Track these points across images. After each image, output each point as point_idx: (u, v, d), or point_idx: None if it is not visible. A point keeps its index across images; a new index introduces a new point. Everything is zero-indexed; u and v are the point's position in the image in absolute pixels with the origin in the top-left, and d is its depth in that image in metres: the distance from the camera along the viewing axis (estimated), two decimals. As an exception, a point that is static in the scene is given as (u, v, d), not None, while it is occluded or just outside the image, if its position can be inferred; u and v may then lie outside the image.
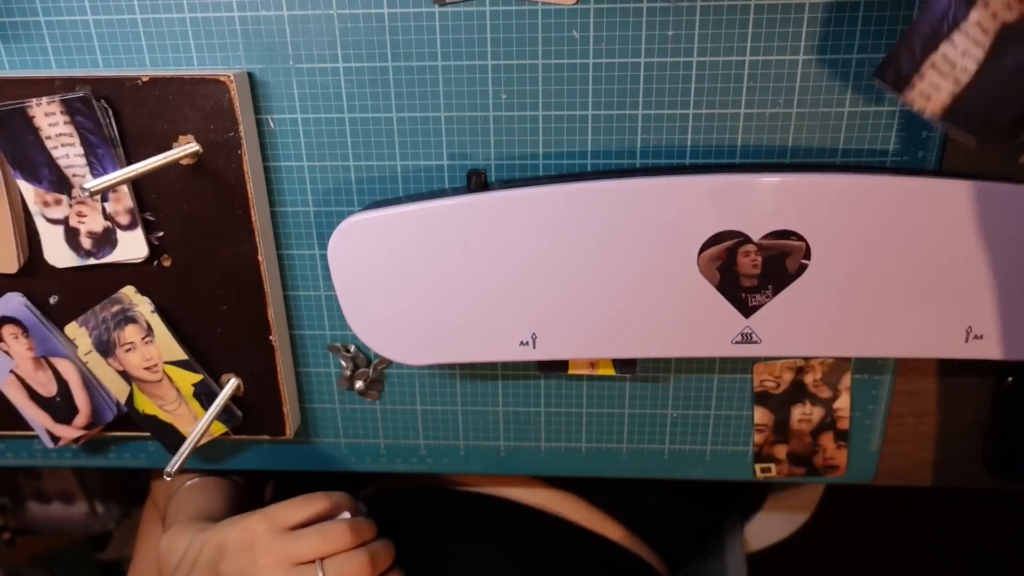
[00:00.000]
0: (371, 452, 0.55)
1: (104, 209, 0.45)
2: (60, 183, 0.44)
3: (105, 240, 0.45)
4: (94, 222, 0.45)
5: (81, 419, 0.50)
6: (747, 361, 0.50)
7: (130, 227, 0.45)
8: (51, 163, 0.43)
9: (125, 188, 0.44)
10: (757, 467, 0.53)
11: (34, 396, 0.50)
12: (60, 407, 0.50)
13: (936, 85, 0.32)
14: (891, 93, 0.34)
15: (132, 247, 0.46)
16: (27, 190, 0.45)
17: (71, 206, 0.45)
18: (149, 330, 0.47)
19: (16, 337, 0.48)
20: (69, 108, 0.42)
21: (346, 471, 0.56)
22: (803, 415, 0.51)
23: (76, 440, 0.51)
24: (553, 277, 0.43)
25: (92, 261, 0.46)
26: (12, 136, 0.43)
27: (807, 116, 0.44)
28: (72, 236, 0.45)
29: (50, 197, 0.44)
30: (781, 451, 0.52)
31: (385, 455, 0.55)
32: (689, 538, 0.70)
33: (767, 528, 0.75)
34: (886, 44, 0.42)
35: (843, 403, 0.51)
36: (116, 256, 0.46)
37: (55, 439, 0.51)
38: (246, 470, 0.57)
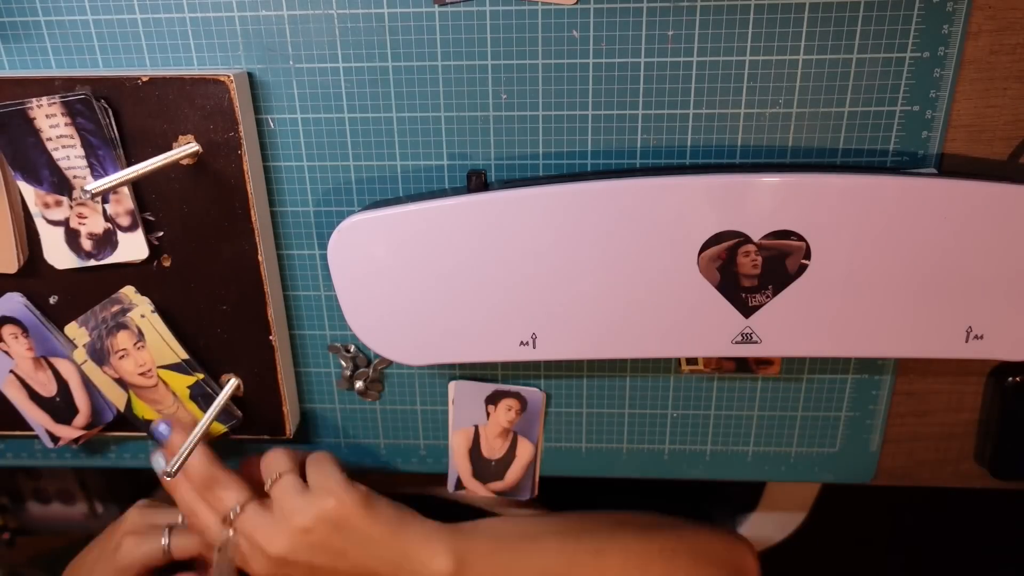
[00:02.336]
0: (371, 452, 0.55)
1: (105, 211, 0.45)
2: (61, 184, 0.44)
3: (105, 242, 0.45)
4: (94, 224, 0.45)
5: (81, 419, 0.50)
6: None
7: (130, 228, 0.45)
8: (52, 165, 0.43)
9: (125, 189, 0.44)
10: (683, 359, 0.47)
11: (34, 396, 0.50)
12: (60, 407, 0.50)
13: None
14: None
15: (132, 248, 0.46)
16: (28, 191, 0.44)
17: (71, 208, 0.45)
18: (140, 335, 0.47)
19: (16, 337, 0.48)
20: (70, 109, 0.42)
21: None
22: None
23: (76, 440, 0.51)
24: (553, 277, 0.43)
25: (92, 263, 0.46)
26: (13, 138, 0.43)
27: (807, 116, 0.44)
28: (73, 238, 0.45)
29: (50, 198, 0.44)
30: None
31: (385, 455, 0.55)
32: None
33: (762, 530, 0.75)
34: (886, 44, 0.42)
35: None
36: (116, 257, 0.46)
37: (55, 439, 0.51)
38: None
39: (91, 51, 0.45)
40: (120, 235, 0.45)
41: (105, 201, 0.45)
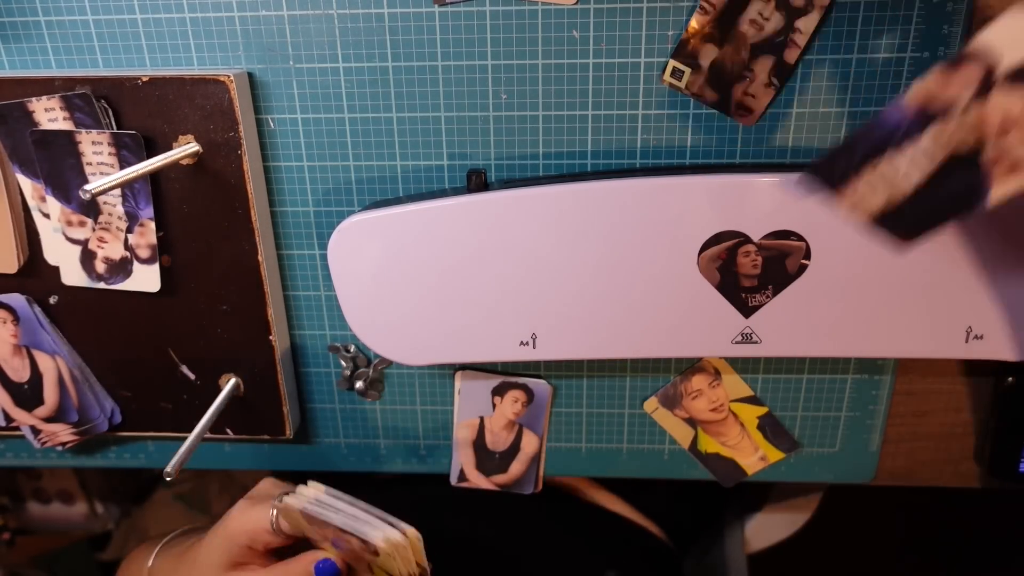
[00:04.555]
0: (371, 452, 0.55)
1: (127, 239, 0.45)
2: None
3: (120, 268, 0.46)
4: (113, 250, 0.45)
5: (43, 411, 0.50)
6: (747, 361, 0.50)
7: (148, 261, 0.45)
8: (51, 163, 0.44)
9: (152, 225, 0.44)
10: (670, 64, 0.41)
11: (2, 377, 0.50)
12: (25, 394, 0.50)
13: (872, 191, 0.33)
14: (821, 193, 0.34)
15: (146, 280, 0.46)
16: (26, 186, 0.45)
17: (94, 230, 0.45)
18: (717, 374, 0.49)
19: (4, 323, 0.48)
20: (68, 104, 0.42)
21: (346, 471, 0.56)
22: (758, 15, 0.40)
23: (64, 444, 0.51)
24: (553, 277, 0.43)
25: (102, 286, 0.46)
26: (12, 130, 0.43)
27: (807, 116, 0.44)
28: (88, 258, 0.46)
29: (75, 218, 0.45)
30: (708, 55, 0.41)
31: (385, 455, 0.55)
32: (692, 521, 0.71)
33: (768, 528, 0.75)
34: (886, 44, 0.42)
35: (808, 24, 0.40)
36: (128, 285, 0.46)
37: (8, 419, 0.51)
38: (246, 470, 0.57)
39: (91, 51, 0.45)
40: (136, 265, 0.45)
41: (129, 231, 0.45)
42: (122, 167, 0.43)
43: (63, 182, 0.44)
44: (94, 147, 0.43)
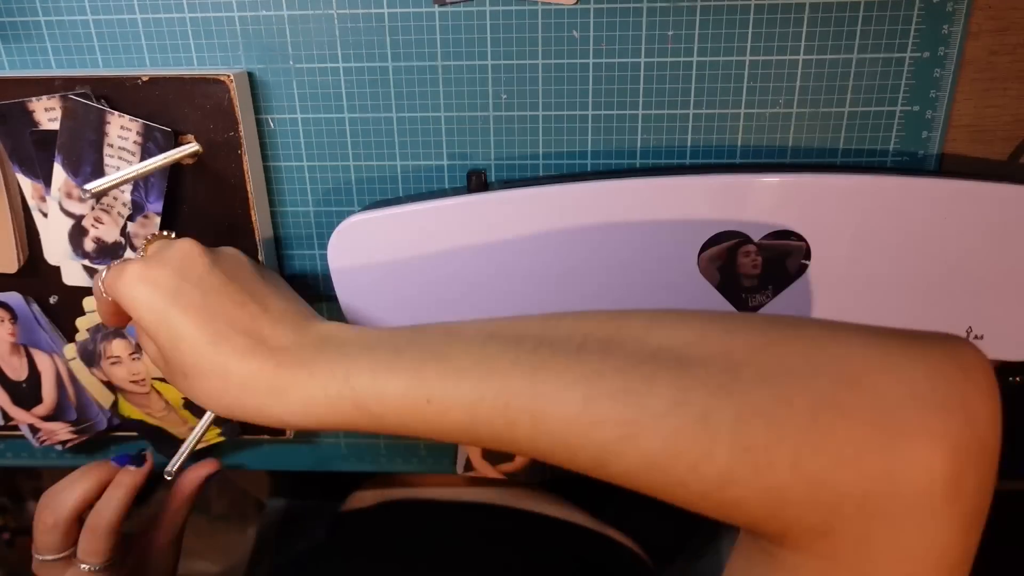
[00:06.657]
0: (371, 452, 0.55)
1: (125, 226, 0.45)
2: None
3: (110, 252, 0.45)
4: (108, 232, 0.45)
5: (41, 409, 0.51)
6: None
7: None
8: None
9: (157, 220, 0.44)
10: None
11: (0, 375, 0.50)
12: (24, 393, 0.50)
13: None
14: None
15: None
16: (26, 186, 0.45)
17: (92, 209, 0.45)
18: (137, 348, 0.47)
19: (2, 321, 0.48)
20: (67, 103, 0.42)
21: (346, 471, 0.56)
22: None
23: (64, 443, 0.51)
24: (553, 277, 0.43)
25: (86, 263, 0.46)
26: (12, 130, 0.43)
27: (807, 116, 0.44)
28: (78, 233, 0.45)
29: (76, 192, 0.44)
30: None
31: (385, 455, 0.55)
32: (672, 532, 0.70)
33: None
34: (886, 44, 0.42)
35: None
36: None
37: (7, 417, 0.51)
38: (247, 470, 0.57)
39: (91, 51, 0.45)
40: (130, 253, 0.45)
41: (131, 219, 0.45)
42: (143, 159, 0.43)
43: (77, 154, 0.43)
44: (121, 131, 0.42)
